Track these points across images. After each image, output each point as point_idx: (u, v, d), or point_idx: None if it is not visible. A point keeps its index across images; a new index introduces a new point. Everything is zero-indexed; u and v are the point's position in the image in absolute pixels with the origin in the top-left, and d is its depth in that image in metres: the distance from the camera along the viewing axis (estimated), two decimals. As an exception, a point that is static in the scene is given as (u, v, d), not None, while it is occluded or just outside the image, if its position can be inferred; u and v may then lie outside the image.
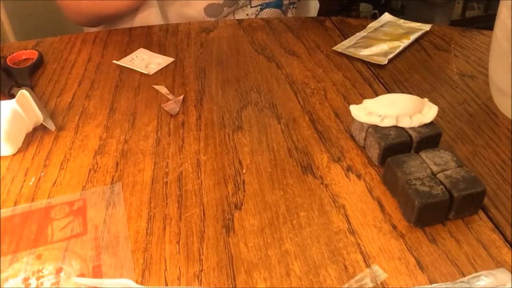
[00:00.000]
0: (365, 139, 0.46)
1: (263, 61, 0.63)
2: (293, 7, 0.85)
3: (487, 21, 2.18)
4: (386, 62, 0.61)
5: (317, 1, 0.94)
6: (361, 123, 0.46)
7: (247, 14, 0.80)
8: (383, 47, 0.65)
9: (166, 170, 0.44)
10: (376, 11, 2.17)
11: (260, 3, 0.80)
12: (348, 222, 0.39)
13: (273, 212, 0.40)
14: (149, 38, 0.69)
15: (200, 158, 0.46)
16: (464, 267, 0.35)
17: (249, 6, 0.80)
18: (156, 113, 0.52)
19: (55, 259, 0.36)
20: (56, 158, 0.46)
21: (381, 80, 0.59)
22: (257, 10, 0.81)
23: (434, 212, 0.37)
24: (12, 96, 0.53)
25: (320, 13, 0.91)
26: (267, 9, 0.81)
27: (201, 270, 0.35)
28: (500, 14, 0.48)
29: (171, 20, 0.78)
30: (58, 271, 0.35)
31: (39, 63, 0.62)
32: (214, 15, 0.78)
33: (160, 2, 0.77)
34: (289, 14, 0.85)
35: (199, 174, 0.44)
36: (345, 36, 0.69)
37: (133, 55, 0.64)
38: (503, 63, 0.49)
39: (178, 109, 0.53)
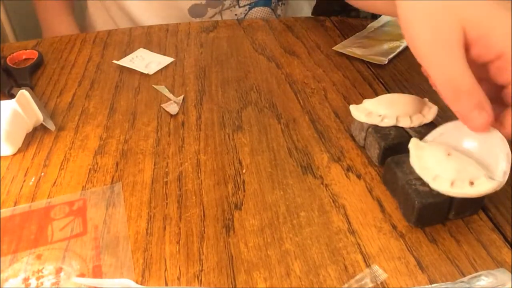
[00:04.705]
0: (365, 139, 0.46)
1: (263, 61, 0.63)
2: (281, 3, 0.85)
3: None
4: (386, 62, 0.61)
5: (311, 0, 0.94)
6: (361, 123, 0.46)
7: (236, 15, 0.80)
8: (383, 47, 0.65)
9: (166, 170, 0.44)
10: (376, 11, 2.16)
11: (249, 2, 0.80)
12: (348, 222, 0.39)
13: (273, 212, 0.40)
14: (149, 38, 0.69)
15: (200, 158, 0.46)
16: (464, 267, 0.35)
17: (237, 6, 0.80)
18: (156, 113, 0.52)
19: (55, 259, 0.36)
20: (56, 158, 0.46)
21: (381, 80, 0.59)
22: (246, 10, 0.81)
23: (434, 212, 0.37)
24: (12, 96, 0.53)
25: (316, 12, 0.90)
26: (256, 8, 0.81)
27: (201, 270, 0.35)
28: None
29: (154, 22, 0.78)
30: (58, 271, 0.35)
31: (39, 63, 0.62)
32: (199, 15, 0.78)
33: (145, 2, 0.78)
34: (279, 12, 0.85)
35: (199, 174, 0.44)
36: (345, 36, 0.69)
37: (133, 55, 0.64)
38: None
39: (178, 109, 0.53)
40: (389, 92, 0.56)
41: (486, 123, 0.35)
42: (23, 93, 0.48)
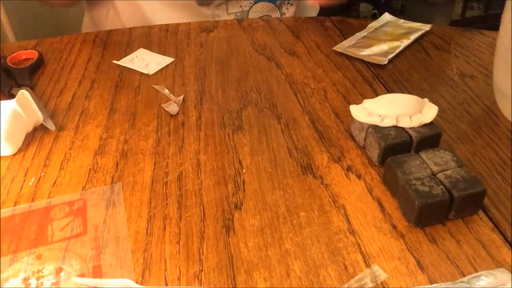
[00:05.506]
0: (365, 139, 0.46)
1: (263, 61, 0.63)
2: (288, 3, 0.85)
3: (487, 21, 2.18)
4: (386, 62, 0.61)
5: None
6: (361, 123, 0.46)
7: (241, 6, 0.81)
8: (383, 47, 0.65)
9: (166, 170, 0.44)
10: (376, 11, 2.16)
11: None
12: (348, 222, 0.39)
13: (273, 212, 0.40)
14: (149, 38, 0.69)
15: (200, 158, 0.46)
16: (464, 267, 0.35)
17: None
18: (156, 113, 0.52)
19: (55, 259, 0.36)
20: (56, 158, 0.46)
21: (381, 80, 0.59)
22: (251, 3, 0.81)
23: (434, 212, 0.37)
24: (12, 96, 0.53)
25: (320, 14, 0.91)
26: (261, 3, 0.82)
27: (201, 270, 0.35)
28: (504, 18, 0.48)
29: (162, 10, 0.78)
30: (58, 271, 0.35)
31: (39, 63, 0.62)
32: (206, 3, 0.78)
33: None
34: (284, 10, 0.85)
35: (199, 174, 0.44)
36: (345, 36, 0.69)
37: (133, 55, 0.64)
38: (504, 67, 0.49)
39: (178, 109, 0.53)
40: (389, 92, 0.56)
41: None
42: (23, 93, 0.48)
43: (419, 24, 0.72)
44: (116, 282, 0.34)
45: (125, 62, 0.62)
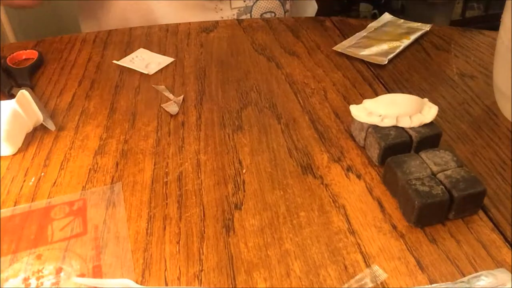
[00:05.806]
0: (365, 139, 0.46)
1: (263, 61, 0.63)
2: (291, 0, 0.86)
3: (487, 21, 2.18)
4: (386, 62, 0.61)
5: (315, 3, 0.95)
6: (361, 123, 0.46)
7: (245, 1, 0.81)
8: (383, 47, 0.65)
9: (166, 170, 0.44)
10: (376, 11, 2.17)
11: None
12: (348, 222, 0.39)
13: (273, 212, 0.40)
14: (149, 38, 0.69)
15: (200, 158, 0.46)
16: (464, 267, 0.35)
17: None
18: (156, 113, 0.52)
19: (55, 259, 0.36)
20: (56, 158, 0.46)
21: (381, 80, 0.59)
22: None
23: (434, 212, 0.37)
24: (12, 96, 0.53)
25: (319, 13, 0.91)
26: None
27: (201, 270, 0.35)
28: (504, 18, 0.48)
29: (163, 4, 0.78)
30: (58, 271, 0.35)
31: (39, 63, 0.62)
32: None
33: None
34: (287, 6, 0.86)
35: (199, 174, 0.44)
36: (345, 36, 0.69)
37: (133, 55, 0.64)
38: (504, 67, 0.49)
39: (178, 109, 0.53)
40: (389, 92, 0.56)
41: None
42: (23, 93, 0.48)
43: (419, 24, 0.72)
44: (116, 282, 0.34)
45: (125, 62, 0.62)
